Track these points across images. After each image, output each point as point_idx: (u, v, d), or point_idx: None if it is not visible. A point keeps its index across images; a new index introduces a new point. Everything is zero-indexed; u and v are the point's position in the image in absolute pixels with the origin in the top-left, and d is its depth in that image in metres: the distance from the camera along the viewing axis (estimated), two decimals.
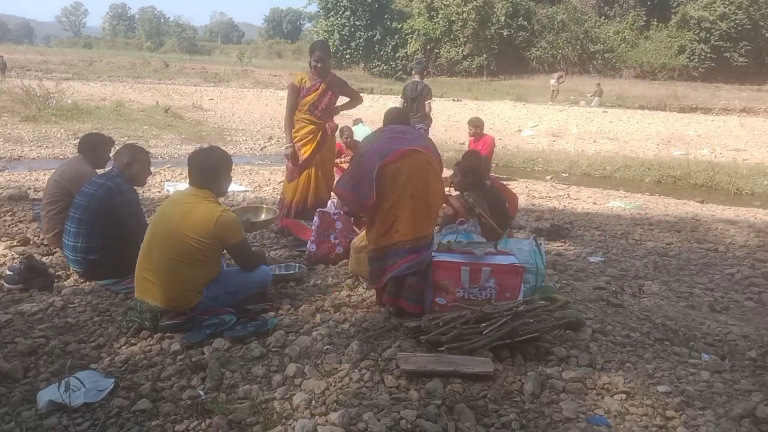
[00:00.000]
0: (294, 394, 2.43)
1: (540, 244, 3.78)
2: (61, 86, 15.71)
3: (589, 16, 39.00)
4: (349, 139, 7.53)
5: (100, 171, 4.17)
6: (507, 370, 2.67)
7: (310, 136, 4.94)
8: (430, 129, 7.95)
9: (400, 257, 3.15)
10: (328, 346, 2.87)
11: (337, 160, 7.70)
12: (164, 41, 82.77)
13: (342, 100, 5.15)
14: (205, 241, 3.01)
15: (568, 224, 6.14)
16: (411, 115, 7.07)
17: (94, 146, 4.30)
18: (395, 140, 3.30)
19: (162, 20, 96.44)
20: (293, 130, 4.96)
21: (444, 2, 38.08)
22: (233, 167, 3.56)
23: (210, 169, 3.16)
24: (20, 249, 4.28)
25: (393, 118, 3.61)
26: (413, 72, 8.52)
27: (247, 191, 7.16)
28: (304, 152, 4.94)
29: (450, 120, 17.82)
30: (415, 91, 7.83)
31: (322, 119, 4.93)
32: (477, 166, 4.20)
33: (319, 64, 4.84)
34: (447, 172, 4.72)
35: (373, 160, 3.18)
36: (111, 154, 4.54)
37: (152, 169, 4.13)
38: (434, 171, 3.28)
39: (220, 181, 3.24)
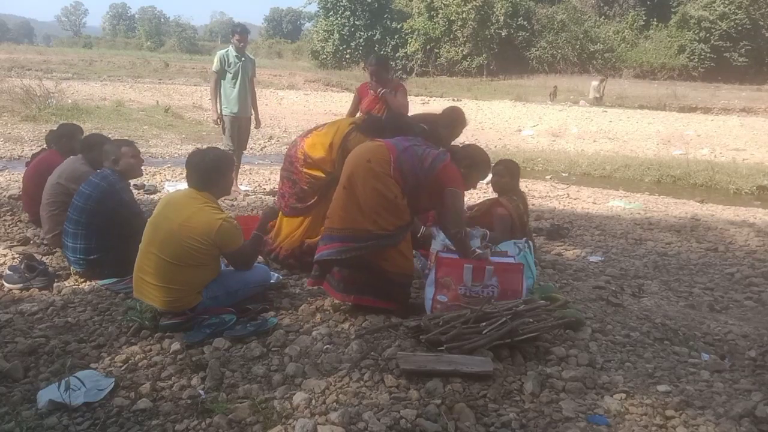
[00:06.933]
0: (294, 394, 2.43)
1: (527, 241, 3.81)
2: (61, 86, 15.66)
3: (589, 16, 38.97)
4: None
5: None
6: (507, 369, 2.67)
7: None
8: None
9: (324, 243, 3.25)
10: (328, 346, 2.87)
11: None
12: (164, 41, 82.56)
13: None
14: (204, 247, 3.02)
15: (568, 224, 6.14)
16: None
17: (91, 146, 4.25)
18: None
19: (162, 20, 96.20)
20: None
21: (444, 2, 38.03)
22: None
23: (207, 171, 3.13)
24: (20, 249, 4.29)
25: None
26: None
27: (248, 191, 7.15)
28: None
29: None
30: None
31: None
32: (518, 171, 4.32)
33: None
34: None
35: None
36: None
37: (143, 161, 4.10)
38: (372, 172, 3.13)
39: (219, 183, 3.22)
